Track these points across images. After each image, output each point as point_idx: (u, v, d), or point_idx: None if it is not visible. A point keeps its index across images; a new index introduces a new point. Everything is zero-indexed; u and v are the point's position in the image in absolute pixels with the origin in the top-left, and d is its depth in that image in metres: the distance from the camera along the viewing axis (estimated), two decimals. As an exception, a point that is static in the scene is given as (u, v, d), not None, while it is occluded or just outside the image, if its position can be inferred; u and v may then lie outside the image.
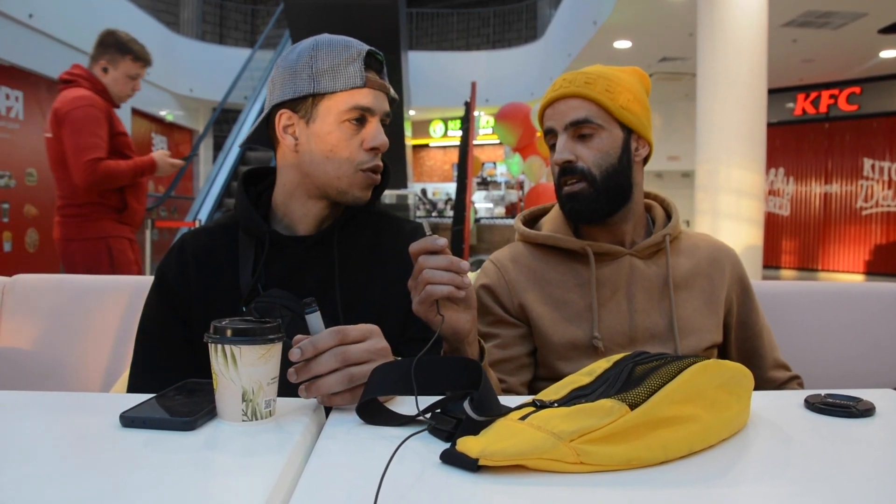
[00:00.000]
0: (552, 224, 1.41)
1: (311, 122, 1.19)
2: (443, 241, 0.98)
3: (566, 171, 1.32)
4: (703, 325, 1.35)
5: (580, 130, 1.31)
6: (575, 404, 0.74)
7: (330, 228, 1.23)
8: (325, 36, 1.21)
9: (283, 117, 1.21)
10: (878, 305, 1.76)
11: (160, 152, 3.24)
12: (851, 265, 11.41)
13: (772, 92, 7.20)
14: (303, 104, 1.19)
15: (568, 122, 1.31)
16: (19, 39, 9.16)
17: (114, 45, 3.08)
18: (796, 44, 9.23)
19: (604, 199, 1.31)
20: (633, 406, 0.71)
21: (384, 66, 1.24)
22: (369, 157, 1.20)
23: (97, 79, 3.07)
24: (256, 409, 0.85)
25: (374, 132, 1.20)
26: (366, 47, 1.20)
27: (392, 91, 1.25)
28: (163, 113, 13.95)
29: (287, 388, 0.92)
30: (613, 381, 0.78)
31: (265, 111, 1.23)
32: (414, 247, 0.99)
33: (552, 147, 1.36)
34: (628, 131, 1.33)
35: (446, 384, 0.90)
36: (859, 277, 11.07)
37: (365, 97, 1.18)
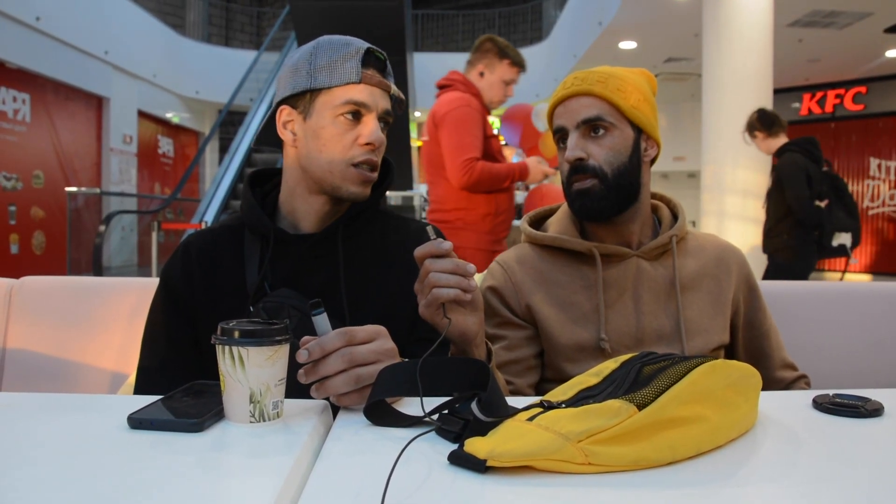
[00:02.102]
0: (558, 225, 1.41)
1: (308, 117, 1.20)
2: (448, 245, 0.98)
3: (577, 170, 1.31)
4: (710, 326, 1.35)
5: (592, 128, 1.30)
6: (583, 405, 0.74)
7: (334, 226, 1.23)
8: (330, 36, 1.22)
9: (284, 113, 1.23)
10: (884, 305, 1.75)
11: (533, 158, 3.15)
12: (858, 265, 11.37)
13: (777, 92, 7.19)
14: (301, 100, 1.20)
15: (580, 119, 1.30)
16: (26, 42, 9.20)
17: (492, 51, 3.09)
18: (802, 43, 9.21)
19: (613, 197, 1.30)
20: (640, 406, 0.71)
21: (387, 64, 1.24)
22: (362, 153, 1.20)
23: (472, 83, 3.07)
24: (264, 410, 0.85)
25: (370, 128, 1.19)
26: (366, 45, 1.21)
27: (395, 90, 1.25)
28: (169, 115, 14.01)
29: (295, 390, 0.92)
30: (621, 382, 0.78)
31: (271, 109, 1.25)
32: (419, 251, 0.99)
33: (562, 145, 1.35)
34: (638, 131, 1.33)
35: (454, 385, 0.90)
36: (866, 277, 11.03)
37: (360, 93, 1.18)
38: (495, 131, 3.16)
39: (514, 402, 0.86)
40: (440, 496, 0.64)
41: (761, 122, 4.41)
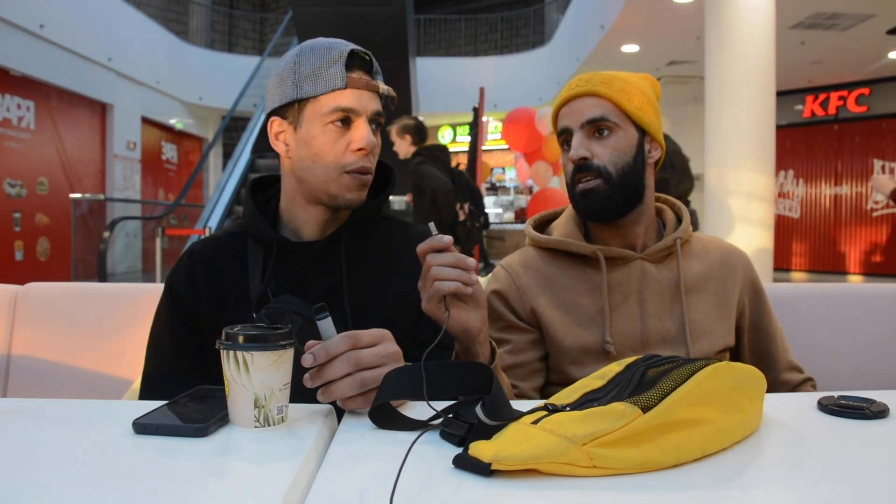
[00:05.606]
0: (563, 229, 1.41)
1: (299, 127, 1.19)
2: (448, 239, 0.98)
3: (581, 169, 1.31)
4: (715, 329, 1.34)
5: (596, 128, 1.30)
6: (587, 408, 0.73)
7: (337, 233, 1.23)
8: (312, 41, 1.21)
9: (275, 125, 1.22)
10: (889, 306, 1.74)
11: None
12: (862, 267, 11.34)
13: (780, 94, 7.17)
14: (290, 110, 1.19)
15: (584, 119, 1.30)
16: (31, 50, 9.23)
17: None
18: (804, 46, 9.21)
19: (618, 197, 1.30)
20: (645, 409, 0.71)
21: (374, 64, 1.23)
22: (356, 159, 1.19)
23: None
24: (269, 415, 0.85)
25: (361, 133, 1.18)
26: (349, 47, 1.19)
27: (385, 88, 1.23)
28: (172, 121, 14.03)
29: (299, 394, 0.92)
30: (625, 385, 0.77)
31: (264, 120, 1.25)
32: (421, 247, 0.99)
33: (566, 147, 1.36)
34: (642, 132, 1.33)
35: (458, 389, 0.90)
36: (870, 279, 11.00)
37: (346, 98, 1.17)
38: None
39: (518, 405, 0.86)
40: (445, 500, 0.63)
41: None
